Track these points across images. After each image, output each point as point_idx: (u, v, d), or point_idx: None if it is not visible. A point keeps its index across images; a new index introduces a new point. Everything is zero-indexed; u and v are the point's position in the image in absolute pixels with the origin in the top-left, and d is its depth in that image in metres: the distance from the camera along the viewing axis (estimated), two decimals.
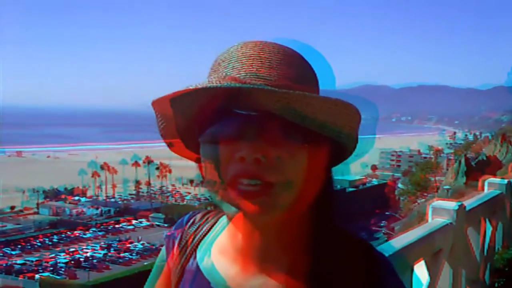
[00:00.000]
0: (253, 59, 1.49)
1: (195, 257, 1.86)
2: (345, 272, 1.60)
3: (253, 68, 1.47)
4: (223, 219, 1.86)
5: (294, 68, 1.53)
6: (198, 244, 1.89)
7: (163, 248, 2.02)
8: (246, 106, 1.45)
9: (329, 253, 1.64)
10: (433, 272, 5.30)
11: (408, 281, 4.57)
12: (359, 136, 1.66)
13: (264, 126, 1.46)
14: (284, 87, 1.39)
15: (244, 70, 1.47)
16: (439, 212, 5.81)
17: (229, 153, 1.49)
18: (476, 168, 73.42)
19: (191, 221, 2.00)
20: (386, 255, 1.74)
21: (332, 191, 1.83)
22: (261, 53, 1.50)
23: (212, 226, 1.93)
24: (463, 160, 72.40)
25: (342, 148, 1.67)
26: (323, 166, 1.66)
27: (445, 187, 57.36)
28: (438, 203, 6.02)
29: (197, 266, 1.82)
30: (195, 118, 1.56)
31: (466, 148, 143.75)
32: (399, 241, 4.56)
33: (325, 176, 1.70)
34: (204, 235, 1.91)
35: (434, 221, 5.72)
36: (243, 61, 1.49)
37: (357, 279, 1.59)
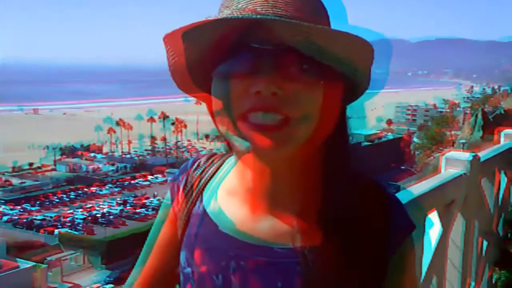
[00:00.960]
0: None
1: (201, 201, 1.81)
2: (357, 212, 1.57)
3: (269, 1, 1.42)
4: (230, 160, 1.82)
5: (309, 2, 1.49)
6: (204, 187, 1.84)
7: (167, 193, 1.99)
8: (263, 39, 1.42)
9: (341, 194, 1.61)
10: (445, 223, 5.21)
11: (421, 232, 4.49)
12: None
13: (281, 60, 1.43)
14: (301, 21, 1.36)
15: (260, 3, 1.42)
16: (453, 163, 5.68)
17: (245, 87, 1.45)
18: (493, 122, 72.57)
19: (196, 164, 1.94)
20: None
21: (346, 130, 1.80)
22: None
23: (218, 168, 1.86)
24: (480, 114, 71.41)
25: (356, 86, 1.65)
26: (338, 102, 1.63)
27: (461, 141, 56.77)
28: (452, 153, 5.89)
29: (204, 210, 1.77)
30: (209, 52, 1.51)
31: (484, 101, 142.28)
32: (411, 192, 4.46)
33: (339, 113, 1.67)
34: (210, 178, 1.85)
35: (447, 172, 5.60)
36: None
37: (369, 219, 1.57)
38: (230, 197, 1.72)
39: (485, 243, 6.74)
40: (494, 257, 7.00)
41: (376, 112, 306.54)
